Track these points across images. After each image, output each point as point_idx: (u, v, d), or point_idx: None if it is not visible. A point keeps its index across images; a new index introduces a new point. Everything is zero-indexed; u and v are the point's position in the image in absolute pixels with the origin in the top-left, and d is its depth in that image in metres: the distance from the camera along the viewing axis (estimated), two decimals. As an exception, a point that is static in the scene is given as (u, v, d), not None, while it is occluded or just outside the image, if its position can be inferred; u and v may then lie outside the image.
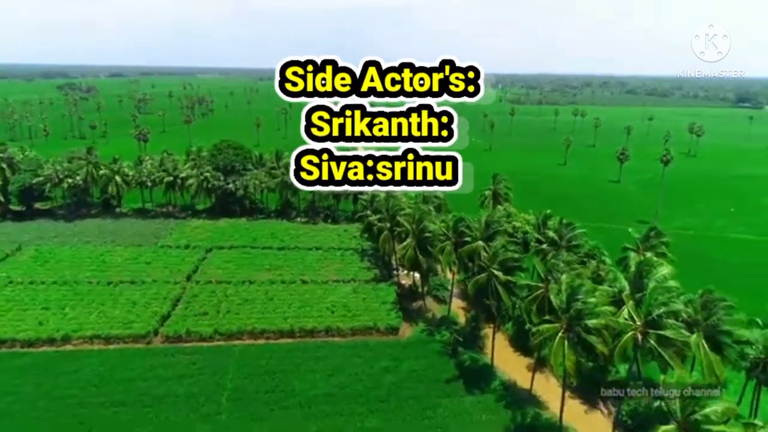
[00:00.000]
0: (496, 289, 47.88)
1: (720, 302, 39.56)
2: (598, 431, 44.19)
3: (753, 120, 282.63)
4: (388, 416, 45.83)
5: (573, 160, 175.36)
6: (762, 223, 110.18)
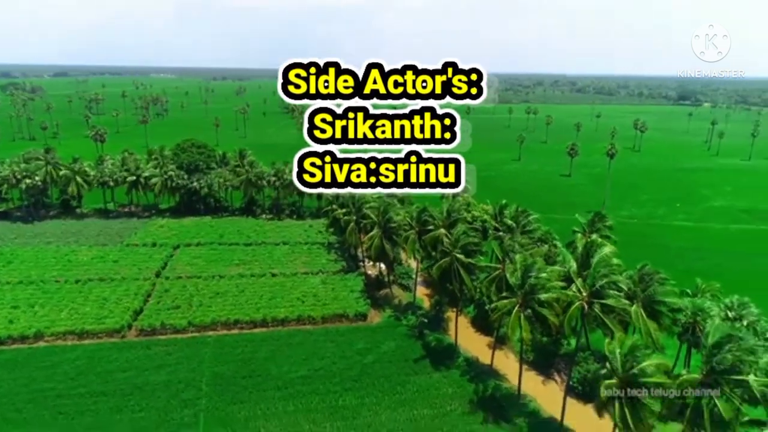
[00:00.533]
0: (459, 272, 51.67)
1: (655, 275, 44.46)
2: (553, 398, 48.32)
3: (692, 116, 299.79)
4: (361, 394, 48.89)
5: (527, 155, 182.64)
6: (700, 211, 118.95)
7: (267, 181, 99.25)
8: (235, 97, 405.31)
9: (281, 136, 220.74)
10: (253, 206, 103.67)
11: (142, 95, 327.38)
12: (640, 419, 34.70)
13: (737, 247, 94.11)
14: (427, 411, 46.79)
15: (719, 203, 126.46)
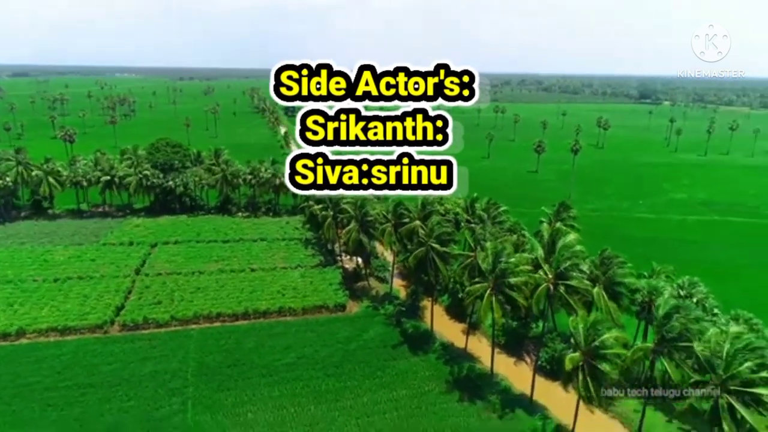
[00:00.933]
0: (434, 260, 54.51)
1: (615, 259, 48.14)
2: (523, 377, 51.49)
3: (652, 114, 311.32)
4: (342, 378, 51.23)
5: (495, 153, 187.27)
6: (660, 204, 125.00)
7: (243, 180, 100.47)
8: (203, 96, 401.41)
9: (253, 135, 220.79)
10: (228, 204, 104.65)
11: (108, 95, 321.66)
12: (601, 387, 38.08)
13: (694, 237, 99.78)
14: (406, 392, 49.43)
15: (678, 196, 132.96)
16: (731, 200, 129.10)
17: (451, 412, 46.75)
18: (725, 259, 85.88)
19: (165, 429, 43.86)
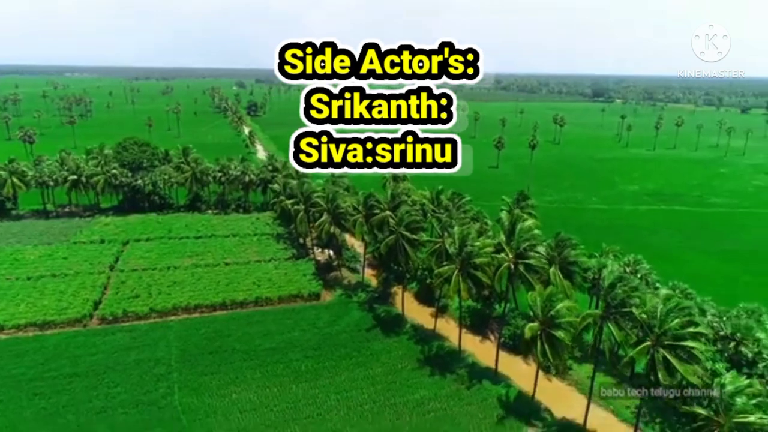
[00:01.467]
0: (404, 247, 58.27)
1: (568, 241, 52.91)
2: (488, 353, 55.69)
3: (605, 111, 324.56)
4: (320, 359, 54.38)
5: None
6: (612, 195, 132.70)
7: (213, 177, 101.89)
8: (161, 96, 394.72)
9: (216, 135, 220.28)
10: (198, 202, 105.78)
11: (63, 95, 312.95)
12: (557, 353, 42.61)
13: (643, 224, 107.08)
14: (381, 369, 52.98)
15: (629, 188, 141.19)
16: (677, 191, 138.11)
17: (423, 385, 50.54)
18: (670, 243, 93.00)
19: (153, 411, 46.03)
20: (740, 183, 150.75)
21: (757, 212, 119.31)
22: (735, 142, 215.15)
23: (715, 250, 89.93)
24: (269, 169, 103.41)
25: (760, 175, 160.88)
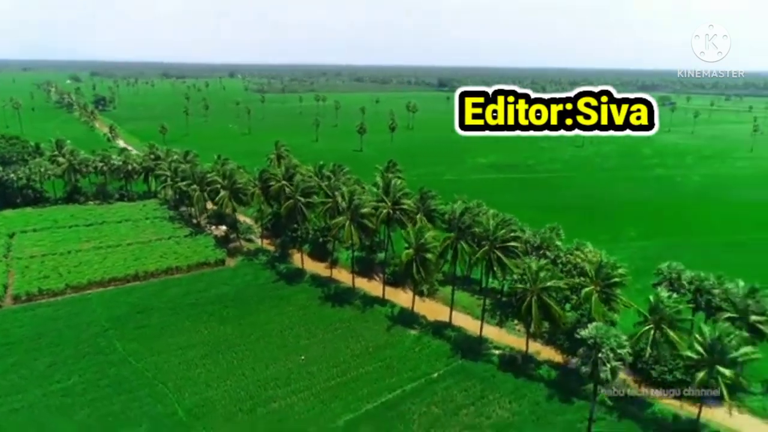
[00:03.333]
0: (302, 210, 70.11)
1: (429, 193, 68.98)
2: (376, 288, 69.62)
3: (450, 100, 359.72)
4: (239, 307, 64.41)
5: (323, 137, 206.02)
6: (463, 168, 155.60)
7: (94, 168, 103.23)
8: None
9: (66, 131, 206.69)
10: (76, 194, 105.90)
11: None
12: (428, 271, 58.05)
13: (488, 188, 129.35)
14: (291, 308, 64.63)
15: (476, 162, 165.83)
16: (512, 162, 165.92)
17: (328, 314, 63.27)
18: (508, 201, 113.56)
19: (101, 358, 52.90)
20: (557, 154, 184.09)
21: (569, 176, 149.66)
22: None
23: (540, 205, 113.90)
24: (152, 157, 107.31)
25: (570, 147, 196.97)
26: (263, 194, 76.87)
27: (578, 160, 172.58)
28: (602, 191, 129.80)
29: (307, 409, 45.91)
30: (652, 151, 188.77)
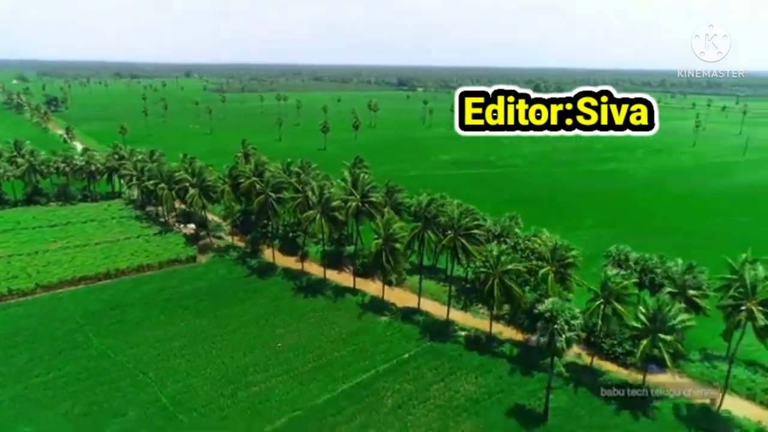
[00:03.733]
0: (273, 205, 72.06)
1: (396, 187, 72.16)
2: (347, 279, 72.29)
3: (410, 98, 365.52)
4: (213, 301, 65.98)
5: (286, 136, 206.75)
6: (427, 165, 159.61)
7: (56, 168, 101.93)
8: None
9: (18, 132, 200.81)
10: (36, 195, 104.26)
11: None
12: (397, 260, 61.16)
13: (452, 183, 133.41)
14: (265, 300, 66.66)
15: (439, 159, 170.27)
16: (474, 159, 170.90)
17: (301, 304, 65.59)
18: (473, 194, 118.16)
19: (79, 353, 53.79)
20: (516, 150, 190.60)
21: (528, 170, 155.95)
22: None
23: (501, 198, 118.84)
24: (115, 157, 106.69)
25: (529, 143, 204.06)
26: (233, 191, 78.37)
27: (536, 156, 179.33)
28: (560, 184, 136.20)
29: (286, 391, 48.30)
30: (604, 147, 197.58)
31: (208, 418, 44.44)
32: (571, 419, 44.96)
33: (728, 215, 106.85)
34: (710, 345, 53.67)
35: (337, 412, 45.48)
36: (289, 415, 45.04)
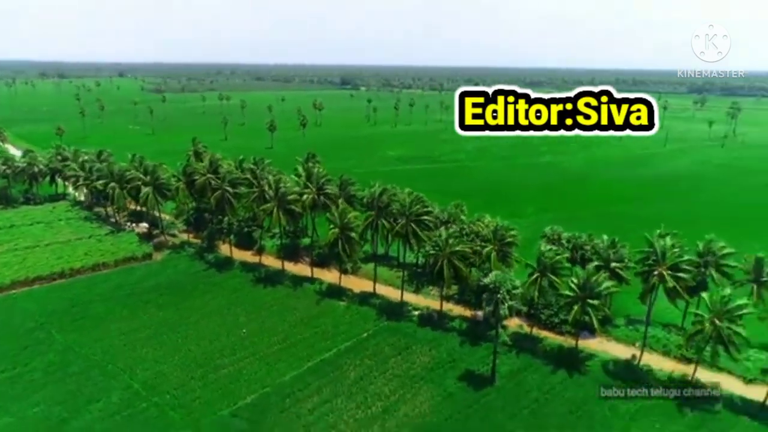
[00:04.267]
0: (230, 200, 74.19)
1: (348, 180, 75.98)
2: (303, 270, 75.31)
3: (353, 97, 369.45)
4: (174, 295, 67.56)
5: (231, 135, 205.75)
6: (374, 162, 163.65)
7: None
8: None
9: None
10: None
11: None
12: (352, 248, 65.07)
13: (396, 179, 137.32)
14: (225, 292, 68.85)
15: (383, 155, 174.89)
16: (418, 155, 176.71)
17: (261, 294, 68.27)
18: (419, 188, 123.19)
19: (44, 348, 54.48)
20: (459, 146, 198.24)
21: (471, 165, 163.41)
22: (451, 117, 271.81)
23: (446, 191, 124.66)
24: (59, 159, 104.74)
25: (471, 139, 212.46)
26: (188, 188, 79.73)
27: (478, 151, 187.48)
28: (501, 177, 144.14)
29: (254, 371, 51.26)
30: (540, 141, 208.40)
31: (181, 399, 46.82)
32: (515, 379, 50.42)
33: (650, 199, 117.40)
34: (633, 312, 60.67)
35: (304, 387, 48.94)
36: (259, 392, 48.10)
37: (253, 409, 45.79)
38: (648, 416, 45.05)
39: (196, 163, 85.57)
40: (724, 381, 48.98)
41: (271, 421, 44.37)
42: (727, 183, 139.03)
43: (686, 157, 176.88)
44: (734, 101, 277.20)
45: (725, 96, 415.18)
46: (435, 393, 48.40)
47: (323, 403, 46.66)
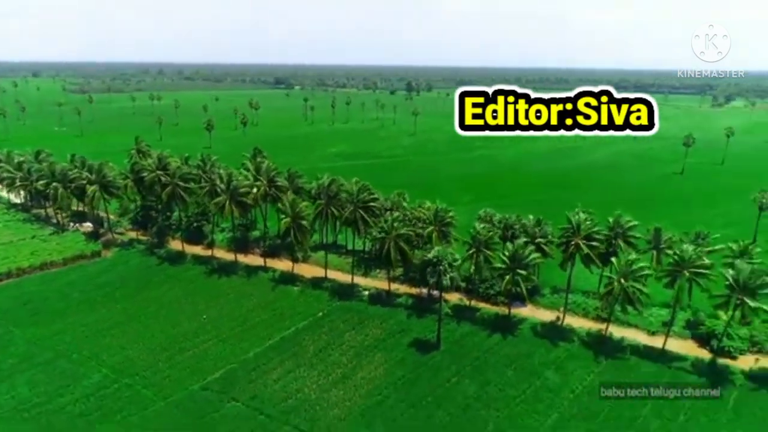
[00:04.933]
0: (181, 195, 76.31)
1: (297, 173, 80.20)
2: (255, 260, 78.31)
3: (289, 96, 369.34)
4: (130, 287, 69.34)
5: (167, 136, 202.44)
6: (314, 159, 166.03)
7: None
8: None
9: None
10: None
11: None
12: (304, 235, 69.39)
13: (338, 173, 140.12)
14: (180, 283, 71.31)
15: (324, 152, 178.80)
16: (358, 151, 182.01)
17: (216, 284, 71.21)
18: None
19: (4, 342, 55.37)
20: (396, 142, 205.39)
21: (408, 159, 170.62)
22: (387, 114, 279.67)
23: (387, 184, 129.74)
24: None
25: (406, 137, 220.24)
26: (136, 185, 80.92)
27: (415, 147, 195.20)
28: (438, 169, 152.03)
29: (219, 351, 54.73)
30: (472, 136, 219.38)
31: (151, 379, 49.67)
32: (458, 344, 56.73)
33: (572, 186, 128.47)
34: (558, 282, 68.53)
35: (267, 361, 53.02)
36: (226, 368, 51.76)
37: (222, 382, 49.44)
38: (570, 363, 52.56)
39: (144, 160, 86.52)
40: (632, 334, 57.65)
41: (241, 391, 48.23)
42: (639, 171, 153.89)
43: (605, 149, 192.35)
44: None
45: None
46: (388, 359, 53.83)
47: (287, 373, 50.99)
